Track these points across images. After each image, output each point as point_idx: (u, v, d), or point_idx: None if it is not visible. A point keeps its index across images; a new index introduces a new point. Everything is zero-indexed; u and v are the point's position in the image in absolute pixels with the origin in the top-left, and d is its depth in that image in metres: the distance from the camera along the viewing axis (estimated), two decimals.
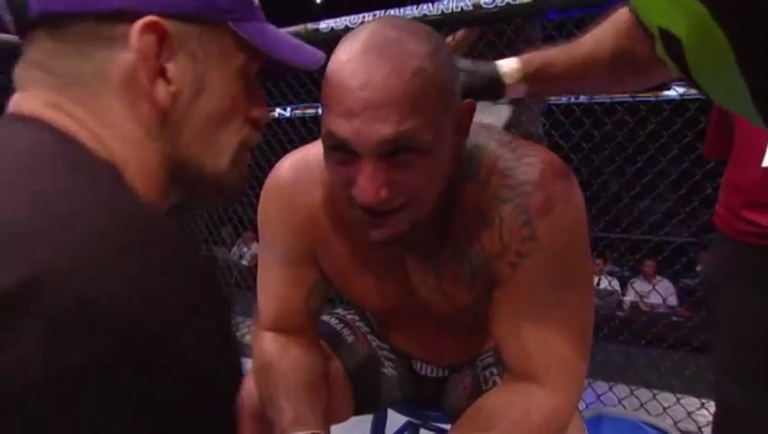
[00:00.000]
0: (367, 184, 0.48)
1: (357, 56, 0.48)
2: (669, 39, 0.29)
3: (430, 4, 1.60)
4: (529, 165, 0.57)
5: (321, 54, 0.47)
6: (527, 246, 0.56)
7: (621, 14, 0.65)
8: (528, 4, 1.39)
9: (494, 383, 0.76)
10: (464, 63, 0.70)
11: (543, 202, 0.56)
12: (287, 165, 0.67)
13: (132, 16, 0.33)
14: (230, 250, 5.57)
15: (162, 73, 0.35)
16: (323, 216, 0.64)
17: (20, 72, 0.35)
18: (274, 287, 0.70)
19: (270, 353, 0.68)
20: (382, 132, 0.47)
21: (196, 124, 0.37)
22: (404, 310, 0.70)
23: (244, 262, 5.05)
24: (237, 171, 0.41)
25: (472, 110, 0.56)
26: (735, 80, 0.26)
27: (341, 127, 0.48)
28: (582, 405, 1.65)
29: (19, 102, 0.34)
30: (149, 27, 0.33)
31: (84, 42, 0.34)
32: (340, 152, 0.51)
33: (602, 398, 1.64)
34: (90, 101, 0.34)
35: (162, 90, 0.35)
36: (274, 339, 0.69)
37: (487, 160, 0.58)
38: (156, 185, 0.37)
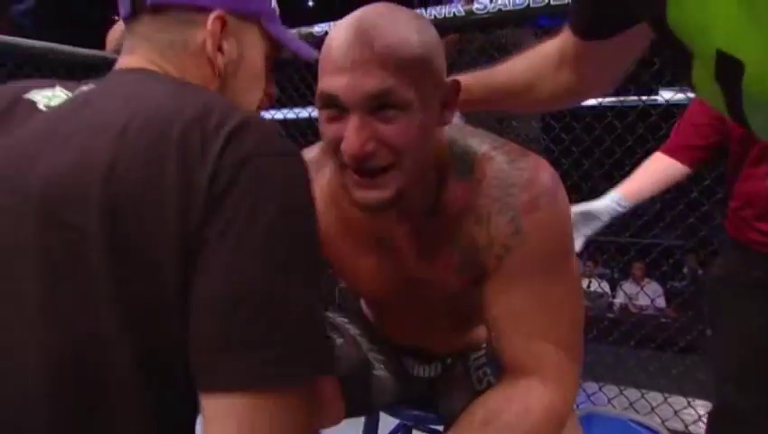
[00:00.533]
0: (354, 136, 0.52)
1: (351, 24, 0.55)
2: (727, 63, 0.28)
3: (423, 10, 1.62)
4: (518, 168, 0.61)
5: (315, 52, 0.63)
6: (512, 240, 0.60)
7: (546, 49, 0.69)
8: (519, 10, 1.42)
9: (488, 384, 0.77)
10: None
11: (529, 202, 0.59)
12: None
13: (207, 10, 0.52)
14: None
15: (220, 48, 0.53)
16: (321, 209, 0.68)
17: (129, 42, 0.54)
18: None
19: None
20: (368, 86, 0.52)
21: (237, 83, 0.56)
22: (398, 296, 0.72)
23: None
24: None
25: (458, 90, 0.60)
26: None
27: (332, 82, 0.53)
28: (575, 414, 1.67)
29: (129, 61, 0.53)
30: (219, 17, 0.52)
31: (175, 23, 0.52)
32: (331, 109, 0.55)
33: (592, 398, 1.66)
34: (175, 61, 0.52)
35: (220, 58, 0.53)
36: None
37: (481, 160, 0.62)
38: None
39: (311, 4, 9.77)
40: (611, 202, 1.16)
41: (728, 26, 0.28)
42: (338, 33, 0.55)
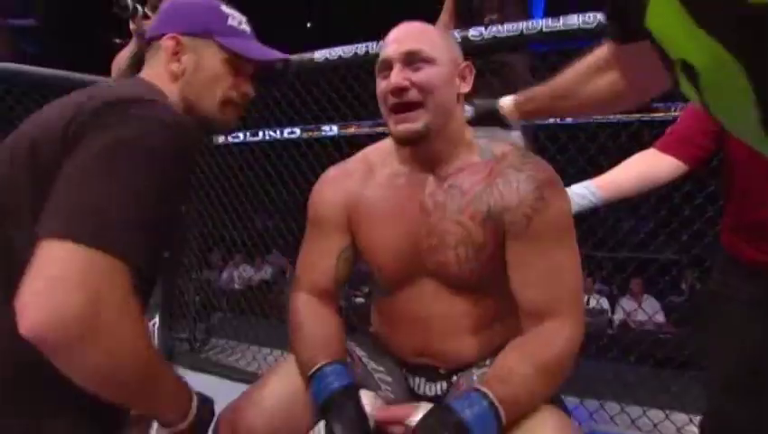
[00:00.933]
0: (395, 76, 0.79)
1: (401, 24, 0.86)
2: (688, 69, 0.32)
3: None
4: (530, 156, 0.84)
5: (280, 55, 0.83)
6: (538, 203, 0.78)
7: (598, 54, 0.76)
8: (513, 37, 1.47)
9: None
10: (476, 101, 0.93)
11: (547, 179, 0.80)
12: (332, 169, 0.95)
13: (164, 35, 0.78)
14: (221, 274, 5.51)
15: (178, 59, 0.77)
16: (358, 190, 0.89)
17: (145, 64, 0.81)
18: (313, 254, 0.91)
19: (302, 313, 0.87)
20: (406, 46, 0.80)
21: (195, 85, 0.78)
22: (419, 267, 0.84)
23: (236, 286, 5.01)
24: (222, 115, 0.80)
25: (471, 70, 0.86)
26: (746, 107, 0.29)
27: (385, 51, 0.82)
28: (573, 423, 1.67)
29: (140, 74, 0.80)
30: (171, 38, 0.78)
31: (155, 48, 0.80)
32: (384, 71, 0.82)
33: (594, 416, 1.66)
34: (156, 72, 0.78)
35: (175, 66, 0.77)
36: (306, 301, 0.89)
37: (503, 150, 0.84)
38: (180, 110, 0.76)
39: (309, 25, 9.98)
40: (582, 188, 1.10)
41: (680, 37, 0.32)
42: (393, 30, 0.85)
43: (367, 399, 0.75)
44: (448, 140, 0.83)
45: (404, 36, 0.82)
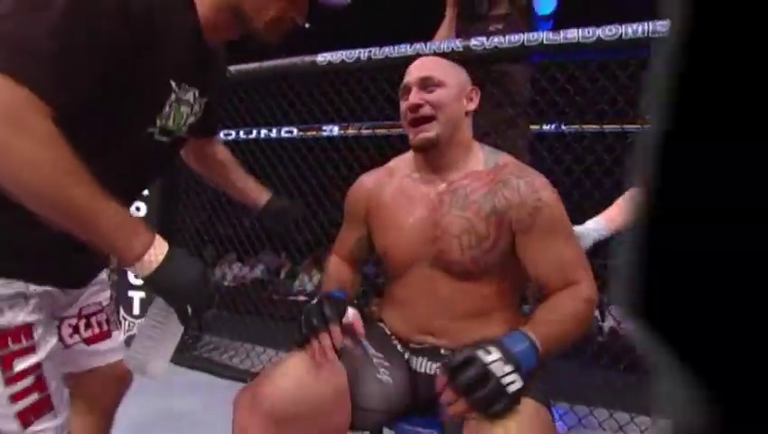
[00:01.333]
0: (412, 96, 0.98)
1: (419, 59, 1.07)
2: None
3: (423, 44, 1.70)
4: (528, 169, 0.99)
5: None
6: (538, 203, 0.93)
7: None
8: (514, 47, 1.50)
9: None
10: None
11: (542, 183, 0.95)
12: (363, 175, 1.15)
13: None
14: (214, 270, 5.49)
15: None
16: (378, 191, 1.08)
17: None
18: (342, 234, 1.16)
19: (329, 266, 1.15)
20: (421, 74, 1.00)
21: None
22: (421, 255, 0.98)
23: (226, 283, 5.00)
24: (269, 33, 0.82)
25: (477, 92, 1.04)
26: None
27: (406, 78, 1.02)
28: (563, 427, 1.70)
29: None
30: None
31: None
32: (405, 94, 1.01)
33: (583, 421, 1.69)
34: None
35: None
36: (334, 260, 1.15)
37: (504, 160, 1.01)
38: (222, 17, 0.80)
39: (307, 26, 9.98)
40: (594, 224, 1.21)
41: None
42: (413, 63, 1.04)
43: (351, 310, 0.93)
44: (456, 149, 0.99)
45: (420, 66, 1.02)
